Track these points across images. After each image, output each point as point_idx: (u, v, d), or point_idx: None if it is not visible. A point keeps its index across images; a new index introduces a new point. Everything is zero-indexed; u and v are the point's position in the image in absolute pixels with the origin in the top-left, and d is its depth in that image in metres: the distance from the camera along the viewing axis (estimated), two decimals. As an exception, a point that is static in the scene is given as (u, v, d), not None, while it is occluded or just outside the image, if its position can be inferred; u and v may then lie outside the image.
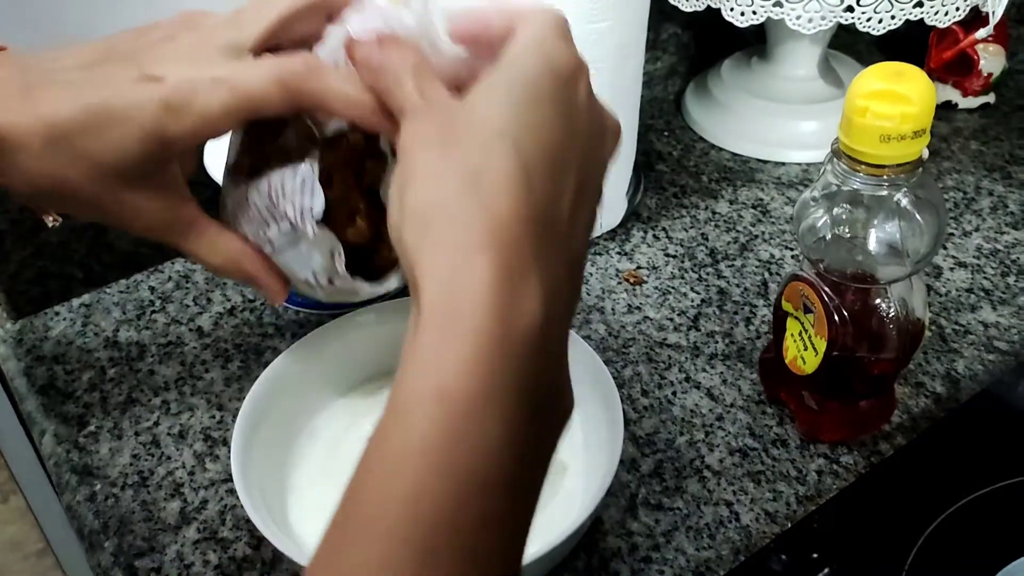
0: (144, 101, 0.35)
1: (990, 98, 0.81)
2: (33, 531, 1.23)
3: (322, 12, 0.37)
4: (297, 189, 0.38)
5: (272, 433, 0.48)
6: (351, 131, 0.39)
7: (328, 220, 0.39)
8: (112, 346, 0.60)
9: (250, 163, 0.39)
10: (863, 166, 0.44)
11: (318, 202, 0.38)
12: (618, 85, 0.61)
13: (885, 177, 0.44)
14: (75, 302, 0.64)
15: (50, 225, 0.63)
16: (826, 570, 0.48)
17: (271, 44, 0.37)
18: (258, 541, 0.48)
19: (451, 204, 0.28)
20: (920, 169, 0.44)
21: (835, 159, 0.45)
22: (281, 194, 0.38)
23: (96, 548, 0.48)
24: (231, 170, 0.40)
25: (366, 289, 0.42)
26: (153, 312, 0.63)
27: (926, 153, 0.44)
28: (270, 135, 0.38)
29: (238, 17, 0.37)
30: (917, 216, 0.45)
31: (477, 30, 0.34)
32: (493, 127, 0.29)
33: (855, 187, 0.44)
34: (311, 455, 0.49)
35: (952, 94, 0.81)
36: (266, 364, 0.49)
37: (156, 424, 0.55)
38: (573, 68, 0.31)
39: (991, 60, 0.79)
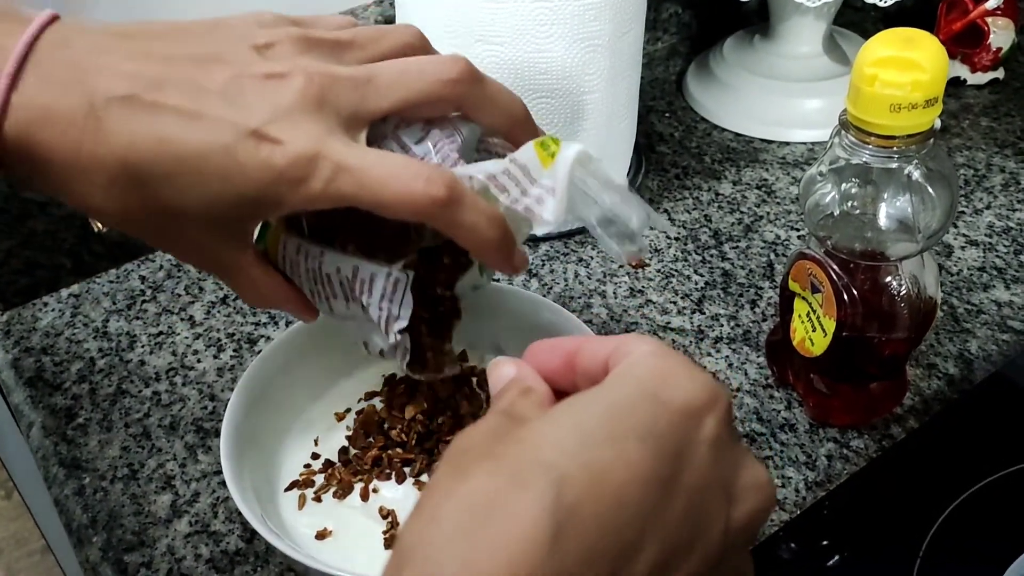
0: (255, 167, 0.30)
1: (999, 73, 0.80)
2: (36, 528, 1.22)
3: (451, 106, 0.34)
4: (388, 293, 0.34)
5: (263, 422, 0.46)
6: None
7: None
8: (102, 336, 0.59)
9: (336, 236, 0.35)
10: (872, 138, 0.42)
11: (406, 313, 0.34)
12: (616, 63, 0.59)
13: (895, 149, 0.42)
14: (64, 292, 0.62)
15: (96, 231, 0.62)
16: (836, 558, 0.46)
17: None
18: (251, 534, 0.46)
19: (434, 549, 0.22)
20: (932, 140, 0.42)
21: (843, 131, 0.43)
22: (367, 290, 0.35)
23: (84, 543, 0.47)
24: (310, 227, 0.36)
25: (417, 374, 0.39)
26: (144, 302, 0.61)
27: (938, 123, 0.42)
28: (365, 217, 0.33)
29: (368, 80, 0.32)
30: (929, 189, 0.43)
31: (560, 361, 0.29)
32: (540, 454, 0.23)
33: (864, 160, 0.43)
34: (304, 444, 0.48)
35: (961, 70, 0.79)
36: (259, 353, 0.48)
37: (147, 415, 0.53)
38: (695, 400, 0.25)
39: (1000, 34, 0.77)
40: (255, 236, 0.36)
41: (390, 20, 0.69)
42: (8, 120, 0.29)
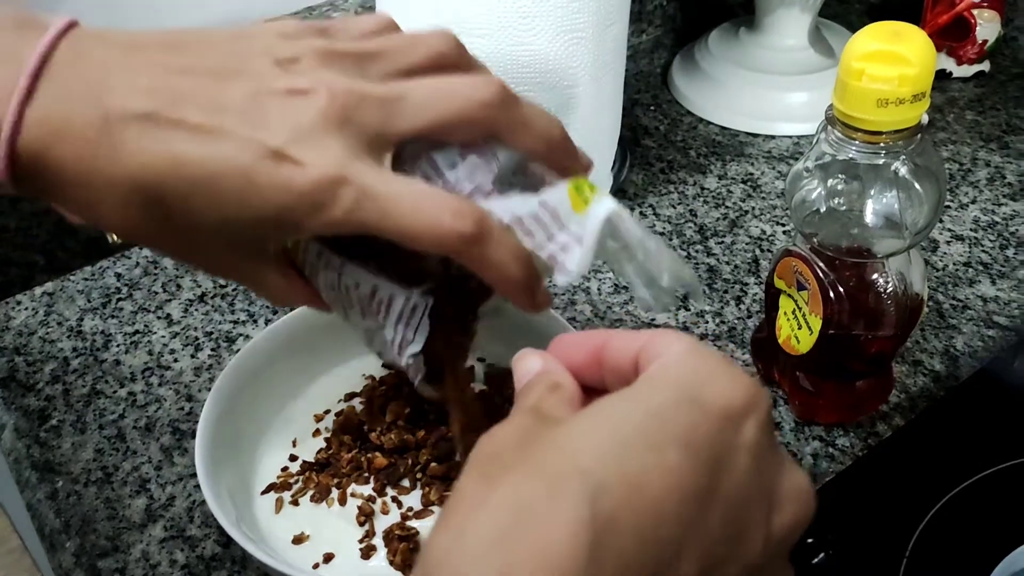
0: (275, 189, 0.28)
1: (985, 66, 0.79)
2: (13, 528, 1.21)
3: (484, 130, 0.32)
4: (405, 316, 0.33)
5: (241, 424, 0.45)
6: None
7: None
8: (76, 336, 0.57)
9: (359, 250, 0.34)
10: (859, 133, 0.41)
11: (420, 339, 0.33)
12: (601, 56, 0.58)
13: (882, 145, 0.41)
14: (37, 291, 0.61)
15: (111, 242, 0.61)
16: (822, 556, 0.46)
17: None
18: (227, 539, 0.45)
19: (466, 560, 0.21)
20: (919, 136, 0.42)
21: (829, 127, 0.43)
22: (385, 311, 0.33)
23: (57, 548, 0.46)
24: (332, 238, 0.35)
25: (427, 392, 0.38)
26: (119, 300, 0.60)
27: (925, 118, 0.41)
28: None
29: (397, 99, 0.30)
30: (916, 185, 0.42)
31: (586, 356, 0.28)
32: (576, 460, 0.23)
33: (850, 156, 0.42)
34: (282, 446, 0.47)
35: (947, 62, 0.79)
36: (238, 352, 0.47)
37: (121, 417, 0.52)
38: (734, 404, 0.24)
39: (986, 26, 0.77)
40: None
41: (370, 10, 0.68)
42: (22, 136, 0.28)
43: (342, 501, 0.43)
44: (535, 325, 0.48)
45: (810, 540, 0.46)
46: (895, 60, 0.39)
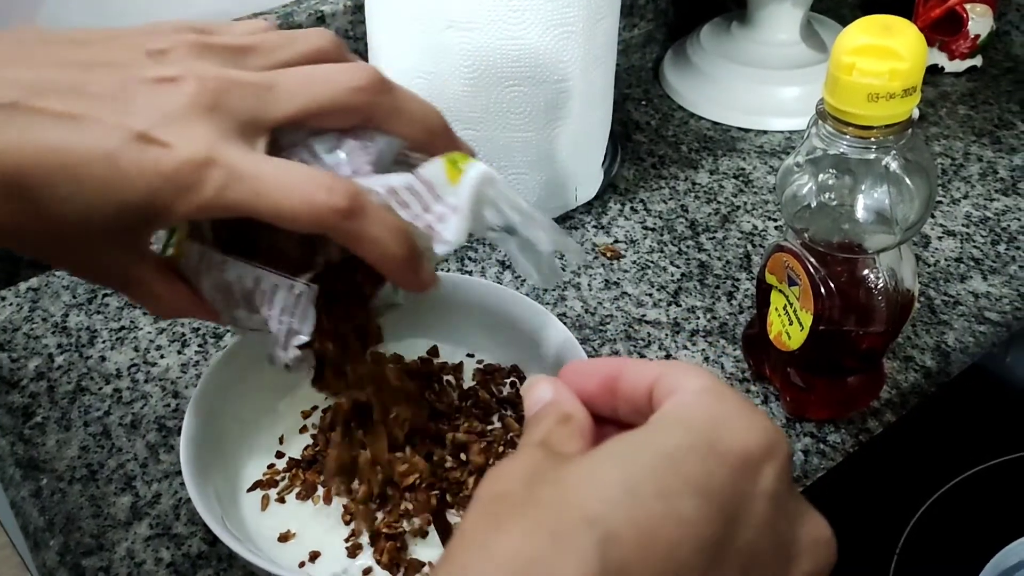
0: (141, 171, 0.28)
1: (977, 61, 0.79)
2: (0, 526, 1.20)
3: (359, 116, 0.32)
4: (289, 306, 0.33)
5: (227, 421, 0.45)
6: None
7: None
8: (61, 332, 0.57)
9: (240, 245, 0.34)
10: (850, 128, 0.41)
11: (307, 329, 0.33)
12: (592, 50, 0.58)
13: (873, 139, 0.41)
14: (22, 286, 0.60)
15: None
16: (813, 554, 0.45)
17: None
18: (214, 537, 0.45)
19: None
20: (910, 130, 0.41)
21: (820, 121, 0.42)
22: (269, 303, 0.33)
23: (41, 547, 0.45)
24: (213, 230, 0.35)
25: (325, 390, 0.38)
26: (105, 295, 0.59)
27: (916, 113, 0.41)
28: (269, 226, 0.31)
29: (270, 86, 0.30)
30: (907, 180, 0.42)
31: (598, 384, 0.27)
32: (584, 509, 0.22)
33: (841, 151, 0.42)
34: (269, 443, 0.46)
35: (939, 57, 0.79)
36: (224, 348, 0.46)
37: (107, 414, 0.52)
38: (753, 450, 0.23)
39: (978, 21, 0.76)
40: (161, 245, 0.34)
41: (359, 7, 0.67)
42: None
43: (328, 499, 0.43)
44: (527, 323, 0.48)
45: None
46: (886, 54, 0.39)
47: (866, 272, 0.45)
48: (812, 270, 0.45)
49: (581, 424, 0.27)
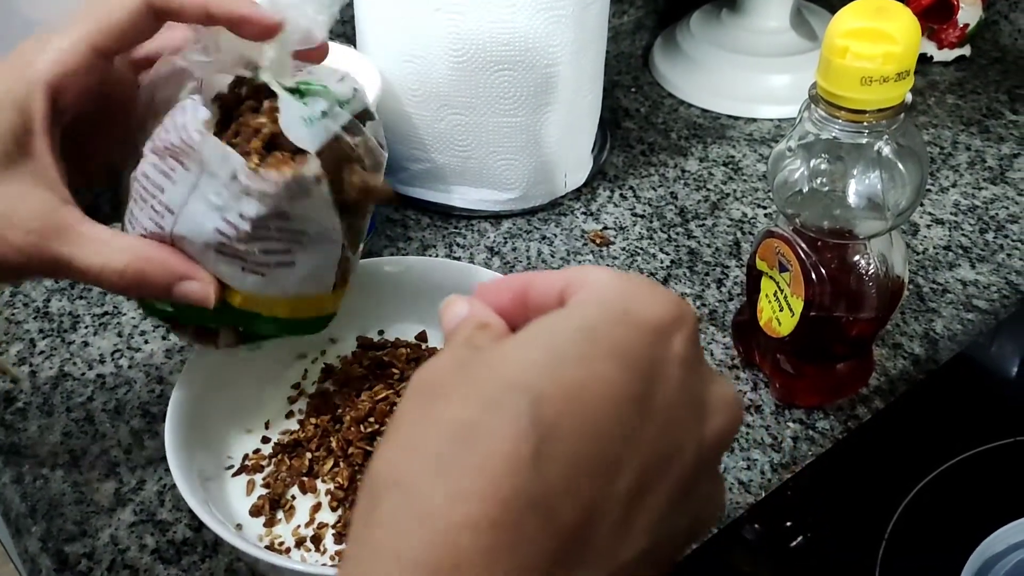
0: None
1: (966, 50, 0.79)
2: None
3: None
4: (182, 112, 0.35)
5: (212, 405, 0.44)
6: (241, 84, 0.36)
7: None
8: (43, 317, 0.56)
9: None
10: (843, 112, 0.41)
11: (202, 111, 0.34)
12: (581, 35, 0.58)
13: (865, 124, 0.41)
14: (3, 271, 0.59)
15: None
16: (800, 539, 0.45)
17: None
18: (199, 523, 0.44)
19: (415, 479, 0.22)
20: (903, 115, 0.41)
21: (812, 105, 0.42)
22: (165, 133, 0.35)
23: (23, 533, 0.45)
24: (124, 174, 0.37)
25: (278, 189, 0.34)
26: (88, 280, 0.59)
27: (909, 97, 0.41)
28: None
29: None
30: (899, 166, 0.42)
31: (511, 298, 0.28)
32: (511, 377, 0.23)
33: (834, 135, 0.42)
34: (255, 428, 0.46)
35: (928, 46, 0.79)
36: (206, 333, 0.46)
37: (90, 399, 0.51)
38: (663, 319, 0.25)
39: (968, 10, 0.77)
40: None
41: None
42: None
43: (312, 486, 0.42)
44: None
45: (789, 524, 0.46)
46: (879, 37, 0.38)
47: (857, 258, 0.45)
48: (803, 256, 0.45)
49: (499, 330, 0.28)
